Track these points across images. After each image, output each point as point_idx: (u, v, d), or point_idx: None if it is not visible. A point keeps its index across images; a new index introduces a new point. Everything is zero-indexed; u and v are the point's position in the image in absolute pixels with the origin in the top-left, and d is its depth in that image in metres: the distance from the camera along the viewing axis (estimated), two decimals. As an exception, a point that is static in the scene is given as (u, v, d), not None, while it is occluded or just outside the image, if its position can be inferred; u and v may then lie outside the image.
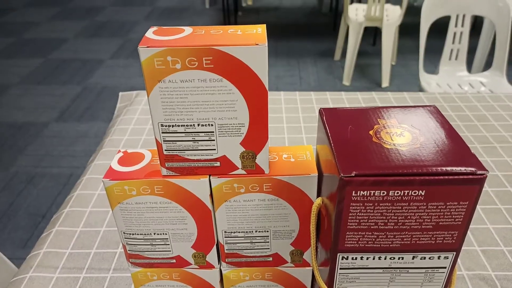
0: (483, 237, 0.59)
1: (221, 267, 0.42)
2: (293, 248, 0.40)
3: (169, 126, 0.33)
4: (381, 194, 0.29)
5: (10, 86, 2.49)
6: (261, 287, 0.43)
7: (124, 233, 0.39)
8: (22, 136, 2.03)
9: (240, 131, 0.33)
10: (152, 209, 0.37)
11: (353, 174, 0.28)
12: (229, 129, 0.33)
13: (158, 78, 0.31)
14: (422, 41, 1.53)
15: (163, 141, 0.34)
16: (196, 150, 0.34)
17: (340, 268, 0.33)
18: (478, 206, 0.64)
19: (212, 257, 0.41)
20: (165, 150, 0.34)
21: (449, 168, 0.28)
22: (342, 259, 0.33)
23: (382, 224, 0.30)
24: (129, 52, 2.92)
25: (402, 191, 0.29)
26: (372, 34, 3.02)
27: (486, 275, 0.53)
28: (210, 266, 0.42)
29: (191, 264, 0.41)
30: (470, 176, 0.28)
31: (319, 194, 0.37)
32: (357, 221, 0.30)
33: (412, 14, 3.41)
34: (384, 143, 0.31)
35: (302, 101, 0.91)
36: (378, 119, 0.34)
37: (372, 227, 0.31)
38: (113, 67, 2.72)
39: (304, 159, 0.38)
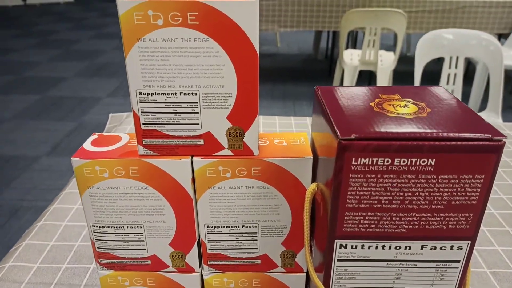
0: (493, 259, 0.54)
1: (202, 272, 0.37)
2: (284, 249, 0.36)
3: (148, 94, 0.30)
4: (385, 163, 0.25)
5: (3, 121, 2.47)
6: (248, 296, 0.38)
7: (93, 225, 0.35)
8: (10, 169, 1.98)
9: (226, 102, 0.30)
10: (126, 196, 0.33)
11: (353, 137, 0.25)
12: (214, 99, 0.30)
13: (138, 36, 0.28)
14: (416, 82, 1.54)
15: (141, 112, 0.31)
16: (177, 124, 0.31)
17: (338, 260, 0.29)
18: (484, 228, 0.60)
19: (192, 258, 0.36)
20: (143, 123, 0.31)
21: (462, 134, 0.25)
22: (340, 247, 0.28)
23: (386, 202, 0.26)
24: (127, 91, 2.93)
25: (409, 160, 0.25)
26: (367, 79, 3.07)
27: (499, 298, 0.48)
28: (189, 270, 0.37)
29: (169, 267, 0.37)
30: (486, 142, 0.24)
31: (314, 181, 0.33)
32: (358, 197, 0.26)
33: (406, 63, 3.49)
34: (388, 112, 0.28)
35: (296, 125, 0.88)
36: (379, 94, 0.31)
37: (374, 206, 0.27)
38: (109, 105, 2.72)
39: (298, 143, 0.34)
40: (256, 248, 0.36)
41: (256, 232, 0.35)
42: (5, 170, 1.97)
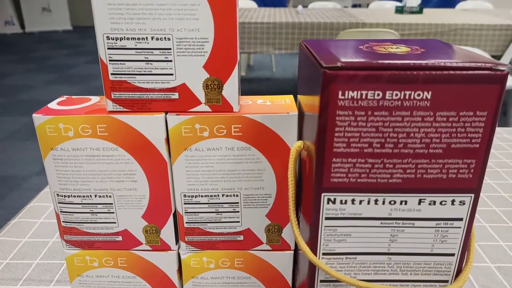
0: (496, 254, 0.51)
1: (179, 250, 0.34)
2: (269, 222, 0.32)
3: (116, 39, 0.27)
4: (376, 97, 0.22)
5: (-6, 142, 2.44)
6: (230, 279, 0.34)
7: (57, 195, 0.31)
8: (-2, 189, 1.93)
9: (203, 48, 0.28)
10: (93, 159, 0.30)
11: (338, 65, 0.22)
12: (189, 45, 0.27)
13: (105, -29, 0.26)
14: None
15: (109, 60, 0.28)
16: (149, 74, 0.28)
17: (326, 218, 0.25)
18: (487, 224, 0.57)
19: (167, 233, 0.33)
20: (112, 74, 0.28)
21: (460, 63, 0.22)
22: (328, 202, 0.25)
23: (378, 145, 0.23)
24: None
25: (402, 93, 0.22)
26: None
27: (505, 292, 0.44)
28: (165, 247, 0.33)
29: (142, 244, 0.33)
30: (488, 72, 0.22)
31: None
32: (346, 140, 0.23)
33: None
34: (378, 51, 0.25)
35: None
36: (369, 42, 0.28)
37: (365, 150, 0.24)
38: (102, 127, 2.69)
39: (282, 103, 0.32)
40: (238, 222, 0.32)
41: (238, 202, 0.32)
42: (-7, 189, 1.92)
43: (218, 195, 0.31)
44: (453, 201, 0.25)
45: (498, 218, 0.58)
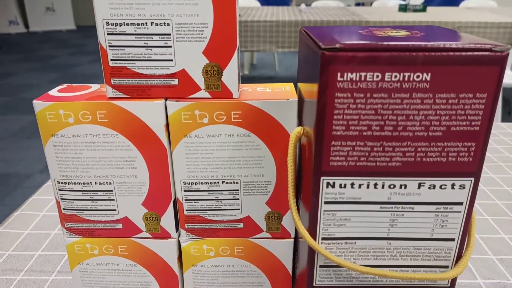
0: (498, 246, 0.50)
1: (179, 238, 0.34)
2: (269, 210, 0.32)
3: (116, 24, 0.27)
4: (375, 79, 0.22)
5: (-2, 140, 2.45)
6: (230, 267, 0.34)
7: (58, 182, 0.31)
8: (2, 186, 1.94)
9: (202, 34, 0.28)
10: (93, 145, 0.30)
11: (337, 46, 0.22)
12: (189, 31, 0.27)
13: (104, -44, 0.26)
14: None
15: (109, 46, 0.28)
16: (149, 60, 0.28)
17: (325, 203, 0.25)
18: (489, 217, 0.56)
19: (168, 220, 0.33)
20: (111, 59, 0.28)
21: (460, 44, 0.22)
22: (327, 186, 0.25)
23: (377, 128, 0.23)
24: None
25: (402, 75, 0.22)
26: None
27: (509, 284, 0.44)
28: (165, 235, 0.33)
29: (142, 232, 0.33)
30: (487, 53, 0.22)
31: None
32: (345, 123, 0.23)
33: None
34: (377, 34, 0.25)
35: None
36: (369, 27, 0.28)
37: (364, 133, 0.24)
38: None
39: (283, 90, 0.32)
40: (238, 209, 0.32)
41: (238, 190, 0.32)
42: (-3, 187, 1.93)
43: (218, 182, 0.31)
44: (453, 185, 0.25)
45: (500, 211, 0.58)
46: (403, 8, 2.57)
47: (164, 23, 0.27)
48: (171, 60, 0.28)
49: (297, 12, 2.64)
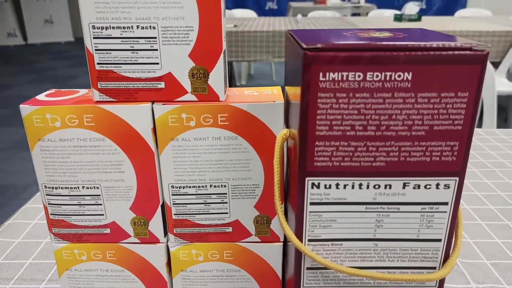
0: (492, 250, 0.50)
1: (168, 243, 0.33)
2: (258, 213, 0.32)
3: (102, 28, 0.28)
4: (357, 79, 0.22)
5: (-5, 151, 2.44)
6: (220, 271, 0.34)
7: (45, 186, 0.31)
8: (-2, 198, 1.93)
9: (188, 37, 0.28)
10: (81, 149, 0.30)
11: (318, 46, 0.22)
12: (174, 34, 0.28)
13: (90, -39, 0.26)
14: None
15: (95, 50, 0.28)
16: (135, 64, 0.28)
17: (311, 204, 0.25)
18: (483, 222, 0.56)
19: (156, 225, 0.32)
20: (98, 63, 0.28)
21: (441, 43, 0.22)
22: (312, 187, 0.25)
23: (361, 128, 0.23)
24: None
25: (383, 74, 0.22)
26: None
27: (501, 288, 0.44)
28: (154, 240, 0.33)
29: (130, 236, 0.33)
30: (468, 52, 0.22)
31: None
32: (328, 123, 0.23)
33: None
34: (360, 36, 0.25)
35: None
36: (354, 30, 0.29)
37: (348, 133, 0.24)
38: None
39: (269, 93, 0.32)
40: (227, 213, 0.32)
41: (226, 193, 0.32)
42: (-7, 198, 1.93)
43: (206, 185, 0.31)
44: (437, 185, 0.25)
45: (494, 216, 0.58)
46: (398, 18, 2.59)
47: (150, 27, 0.27)
48: (157, 64, 0.28)
49: (294, 22, 2.66)
